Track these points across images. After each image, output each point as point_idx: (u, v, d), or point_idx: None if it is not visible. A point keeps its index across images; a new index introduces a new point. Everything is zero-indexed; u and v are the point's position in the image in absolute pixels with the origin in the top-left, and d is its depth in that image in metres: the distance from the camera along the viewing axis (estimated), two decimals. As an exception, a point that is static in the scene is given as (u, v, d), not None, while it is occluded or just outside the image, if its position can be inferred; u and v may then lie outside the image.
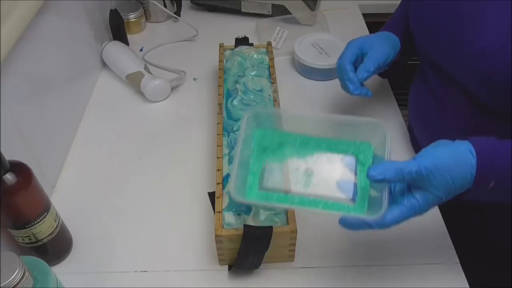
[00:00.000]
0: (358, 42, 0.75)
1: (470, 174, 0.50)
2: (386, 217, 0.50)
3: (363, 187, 0.56)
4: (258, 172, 0.59)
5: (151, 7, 1.15)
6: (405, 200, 0.50)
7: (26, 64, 0.69)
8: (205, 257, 0.67)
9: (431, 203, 0.51)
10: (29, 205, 0.59)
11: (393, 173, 0.49)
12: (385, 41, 0.75)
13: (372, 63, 0.71)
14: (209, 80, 1.00)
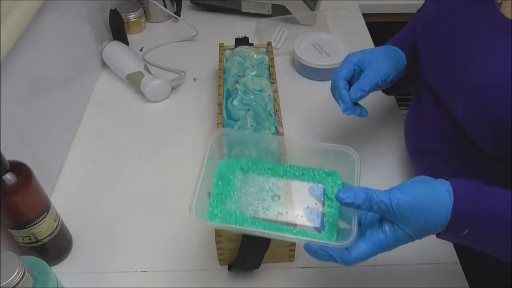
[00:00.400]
0: (357, 57, 0.67)
1: (445, 217, 0.48)
2: (352, 253, 0.48)
3: (331, 221, 0.54)
4: (222, 195, 0.56)
5: (151, 7, 1.15)
6: (373, 234, 0.49)
7: (26, 64, 0.69)
8: (205, 257, 0.67)
9: (400, 240, 0.49)
10: (29, 205, 0.59)
11: (361, 199, 0.47)
12: (387, 57, 0.68)
13: (368, 82, 0.64)
14: (209, 80, 1.00)
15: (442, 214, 0.48)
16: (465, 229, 0.48)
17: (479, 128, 0.56)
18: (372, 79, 0.64)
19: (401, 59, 0.70)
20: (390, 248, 0.50)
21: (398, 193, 0.47)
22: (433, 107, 0.66)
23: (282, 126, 0.75)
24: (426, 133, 0.68)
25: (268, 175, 0.58)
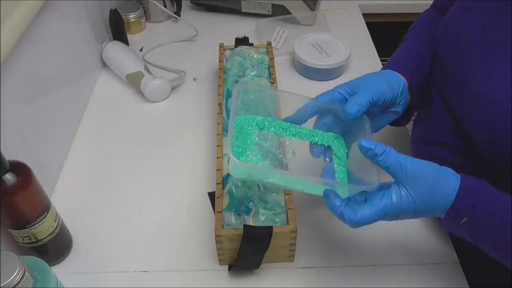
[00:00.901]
0: (345, 85, 0.62)
1: (449, 198, 0.50)
2: (357, 214, 0.50)
3: (342, 178, 0.58)
4: (241, 148, 0.59)
5: (151, 7, 1.15)
6: (377, 198, 0.51)
7: (26, 64, 0.69)
8: (205, 257, 0.67)
9: (404, 205, 0.50)
10: (29, 205, 0.59)
11: (381, 149, 0.50)
12: (378, 78, 0.63)
13: (362, 97, 0.58)
14: (209, 80, 1.00)
15: (447, 193, 0.50)
16: (464, 216, 0.50)
17: (491, 146, 0.55)
18: (366, 95, 0.59)
19: (396, 80, 0.64)
20: (393, 214, 0.51)
21: (413, 159, 0.50)
22: (442, 113, 0.65)
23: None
24: (433, 139, 0.67)
25: (281, 133, 0.61)
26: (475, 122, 0.57)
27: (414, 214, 0.52)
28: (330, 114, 0.62)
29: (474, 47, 0.58)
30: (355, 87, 0.61)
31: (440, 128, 0.66)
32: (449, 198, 0.50)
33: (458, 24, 0.61)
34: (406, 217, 0.52)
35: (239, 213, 0.63)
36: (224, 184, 0.67)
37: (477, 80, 0.56)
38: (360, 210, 0.51)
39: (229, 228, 0.61)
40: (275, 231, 0.60)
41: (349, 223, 0.51)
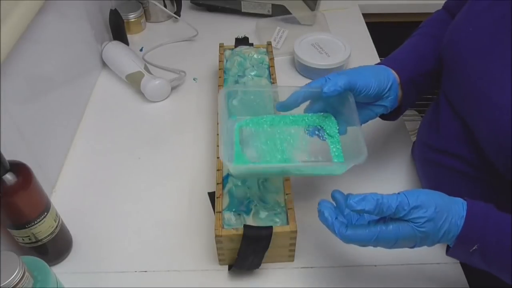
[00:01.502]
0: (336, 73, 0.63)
1: (455, 227, 0.49)
2: (347, 230, 0.51)
3: (338, 155, 0.62)
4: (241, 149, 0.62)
5: (151, 7, 1.15)
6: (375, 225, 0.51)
7: (26, 64, 0.69)
8: (205, 257, 0.67)
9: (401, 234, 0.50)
10: (29, 205, 0.59)
11: (372, 205, 0.48)
12: (365, 71, 0.64)
13: (342, 80, 0.60)
14: (209, 80, 1.00)
15: (453, 222, 0.49)
16: (475, 244, 0.49)
17: (502, 153, 0.54)
18: (345, 78, 0.60)
19: (386, 75, 0.64)
20: (390, 241, 0.51)
21: (412, 193, 0.49)
22: (450, 121, 0.65)
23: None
24: (444, 148, 0.66)
25: (276, 125, 0.65)
26: (485, 129, 0.56)
27: (413, 244, 0.52)
28: (320, 99, 0.64)
29: (482, 54, 0.57)
30: (345, 74, 0.62)
31: (450, 137, 0.65)
32: (455, 225, 0.49)
33: (466, 30, 0.61)
34: (405, 245, 0.52)
35: (239, 213, 0.63)
36: (224, 184, 0.67)
37: (487, 87, 0.56)
38: (354, 227, 0.51)
39: (229, 228, 0.61)
40: (275, 231, 0.60)
41: (339, 236, 0.51)
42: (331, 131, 0.64)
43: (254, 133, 0.64)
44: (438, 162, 0.67)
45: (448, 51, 0.64)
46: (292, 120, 0.65)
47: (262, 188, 0.66)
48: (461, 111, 0.62)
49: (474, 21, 0.61)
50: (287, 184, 0.66)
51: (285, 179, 0.67)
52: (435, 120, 0.69)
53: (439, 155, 0.67)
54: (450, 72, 0.64)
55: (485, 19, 0.59)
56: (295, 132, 0.64)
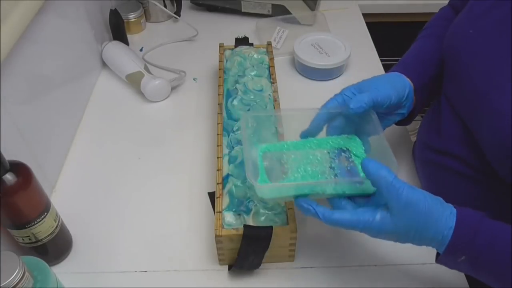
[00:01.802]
0: (352, 87, 0.62)
1: (440, 234, 0.49)
2: (334, 214, 0.51)
3: None
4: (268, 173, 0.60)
5: (151, 7, 1.15)
6: (363, 211, 0.51)
7: (26, 64, 0.69)
8: (205, 257, 0.67)
9: (383, 228, 0.50)
10: (29, 205, 0.59)
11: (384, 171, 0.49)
12: (384, 82, 0.63)
13: (365, 97, 0.59)
14: (209, 80, 1.00)
15: (440, 229, 0.49)
16: (463, 254, 0.49)
17: (502, 157, 0.54)
18: (370, 94, 0.59)
19: (402, 83, 0.65)
20: (373, 231, 0.51)
21: (410, 187, 0.49)
22: (450, 122, 0.65)
23: (282, 126, 0.75)
24: (444, 149, 0.66)
25: (302, 149, 0.62)
26: (485, 133, 0.56)
27: (395, 239, 0.51)
28: (340, 116, 0.62)
29: (483, 57, 0.57)
30: (361, 88, 0.62)
31: (451, 138, 0.65)
32: (440, 237, 0.49)
33: (466, 32, 0.61)
34: (387, 239, 0.52)
35: (239, 213, 0.63)
36: (224, 184, 0.67)
37: (487, 91, 0.55)
38: (342, 212, 0.51)
39: (229, 228, 0.61)
40: (275, 231, 0.60)
41: (322, 218, 0.52)
42: (357, 151, 0.62)
43: (277, 158, 0.62)
44: (438, 162, 0.67)
45: (448, 53, 0.64)
46: (316, 144, 0.63)
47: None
48: (462, 113, 0.62)
49: (474, 23, 0.60)
50: (287, 184, 0.66)
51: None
52: (436, 121, 0.69)
53: (439, 155, 0.67)
54: (451, 74, 0.64)
55: (486, 21, 0.58)
56: (321, 156, 0.61)
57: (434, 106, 0.72)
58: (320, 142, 0.63)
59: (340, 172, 0.59)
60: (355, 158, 0.62)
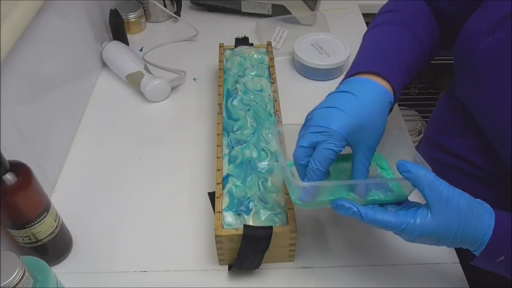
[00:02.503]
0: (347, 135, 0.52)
1: (481, 234, 0.47)
2: (377, 214, 0.49)
3: (396, 184, 0.56)
4: None
5: (151, 7, 1.15)
6: (405, 213, 0.49)
7: (26, 64, 0.69)
8: (205, 257, 0.67)
9: (424, 228, 0.48)
10: (29, 205, 0.59)
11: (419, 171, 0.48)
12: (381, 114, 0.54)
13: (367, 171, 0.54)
14: (209, 80, 1.00)
15: (479, 230, 0.47)
16: (502, 255, 0.48)
17: None
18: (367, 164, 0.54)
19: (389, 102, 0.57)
20: (412, 235, 0.49)
21: (450, 185, 0.48)
22: (467, 129, 0.62)
23: (282, 126, 0.75)
24: (455, 152, 0.64)
25: None
26: (506, 146, 0.54)
27: (436, 240, 0.49)
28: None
29: (503, 68, 0.54)
30: (352, 140, 0.52)
31: (468, 145, 0.63)
32: (481, 235, 0.48)
33: (485, 40, 0.56)
34: (426, 241, 0.50)
35: (239, 213, 0.63)
36: (224, 184, 0.67)
37: (507, 103, 0.53)
38: (384, 212, 0.50)
39: (229, 228, 0.61)
40: (275, 231, 0.60)
41: (364, 217, 0.49)
42: (382, 164, 0.62)
43: None
44: (451, 164, 0.65)
45: (466, 61, 0.60)
46: (343, 159, 0.60)
47: (262, 188, 0.66)
48: (481, 122, 0.60)
49: (493, 31, 0.56)
50: (287, 184, 0.66)
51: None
52: (450, 123, 0.66)
53: (452, 158, 0.65)
54: (468, 82, 0.61)
55: (505, 29, 0.54)
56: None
57: (446, 105, 0.70)
58: (346, 158, 0.60)
59: (370, 185, 0.55)
60: (382, 171, 0.61)
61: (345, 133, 0.51)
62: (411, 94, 1.62)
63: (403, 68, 0.61)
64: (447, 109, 0.69)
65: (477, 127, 0.60)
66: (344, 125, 0.51)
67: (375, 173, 0.61)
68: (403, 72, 0.60)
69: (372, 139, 0.53)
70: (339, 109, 0.52)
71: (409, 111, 1.51)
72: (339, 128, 0.51)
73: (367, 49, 0.64)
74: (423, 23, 0.66)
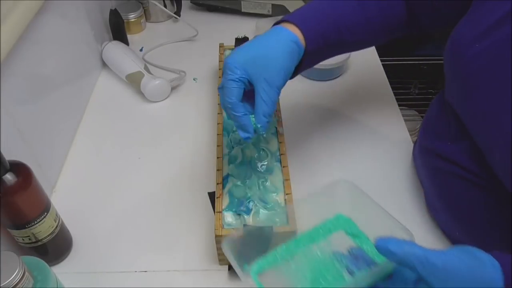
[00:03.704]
0: (239, 68, 0.55)
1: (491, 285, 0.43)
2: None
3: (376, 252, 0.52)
4: None
5: (151, 7, 1.15)
6: None
7: (26, 64, 0.69)
8: (205, 257, 0.67)
9: None
10: (29, 205, 0.59)
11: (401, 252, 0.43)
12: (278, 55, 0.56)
13: (265, 107, 0.54)
14: (209, 80, 1.00)
15: (488, 284, 0.43)
16: None
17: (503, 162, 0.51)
18: (269, 99, 0.55)
19: (298, 51, 0.59)
20: None
21: (440, 252, 0.43)
22: (459, 135, 0.60)
23: (282, 126, 0.75)
24: (448, 157, 0.63)
25: (296, 252, 0.56)
26: (497, 154, 0.53)
27: None
28: None
29: (492, 77, 0.53)
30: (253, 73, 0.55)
31: (459, 151, 0.61)
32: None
33: (473, 47, 0.55)
34: None
35: (239, 213, 0.63)
36: (224, 184, 0.67)
37: (499, 112, 0.51)
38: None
39: (229, 228, 0.61)
40: (275, 231, 0.60)
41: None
42: (352, 230, 0.57)
43: (278, 275, 0.54)
44: (445, 169, 0.64)
45: (456, 68, 0.58)
46: (308, 239, 0.57)
47: (262, 188, 0.66)
48: (471, 131, 0.58)
49: (481, 38, 0.54)
50: (287, 184, 0.66)
51: (285, 178, 0.67)
52: (441, 128, 0.66)
53: (446, 163, 0.63)
54: (458, 88, 0.59)
55: (494, 37, 0.52)
56: (320, 252, 0.55)
57: (438, 111, 0.69)
58: (311, 236, 0.58)
59: (349, 262, 0.52)
60: (354, 239, 0.57)
61: (239, 63, 0.55)
62: (411, 94, 1.62)
63: (324, 21, 0.62)
64: (438, 113, 0.68)
65: (467, 130, 0.59)
66: (238, 58, 0.56)
67: (348, 245, 0.55)
68: (322, 23, 0.62)
69: (269, 72, 0.55)
70: (239, 48, 0.58)
71: (409, 111, 1.51)
72: (232, 61, 0.55)
73: (305, 4, 0.66)
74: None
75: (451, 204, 0.64)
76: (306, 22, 0.60)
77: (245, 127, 0.57)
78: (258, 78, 0.55)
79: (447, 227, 0.68)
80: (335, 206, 0.59)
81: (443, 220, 0.68)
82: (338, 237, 0.57)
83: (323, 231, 0.58)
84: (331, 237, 0.57)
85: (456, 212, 0.64)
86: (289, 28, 0.59)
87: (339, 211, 0.59)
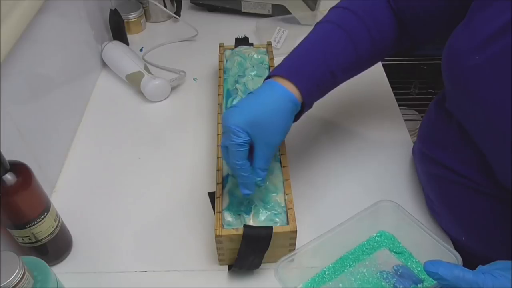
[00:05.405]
0: (242, 128, 0.56)
1: None
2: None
3: (420, 269, 0.54)
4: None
5: (151, 7, 1.15)
6: None
7: (26, 64, 0.69)
8: (205, 257, 0.67)
9: None
10: (29, 205, 0.59)
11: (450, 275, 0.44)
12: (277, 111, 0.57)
13: (265, 161, 0.58)
14: (209, 80, 1.00)
15: None
16: None
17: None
18: (267, 156, 0.58)
19: (295, 108, 0.60)
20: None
21: (490, 276, 0.43)
22: (461, 144, 0.60)
23: None
24: (450, 166, 0.62)
25: (342, 272, 0.58)
26: (500, 162, 0.52)
27: None
28: None
29: (494, 88, 0.51)
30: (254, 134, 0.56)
31: (461, 159, 0.60)
32: None
33: (473, 58, 0.53)
34: None
35: (239, 213, 0.63)
36: (224, 184, 0.67)
37: (503, 122, 0.50)
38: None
39: (229, 228, 0.61)
40: (275, 231, 0.60)
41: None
42: (395, 247, 0.57)
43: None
44: (443, 176, 0.63)
45: (457, 77, 0.56)
46: (353, 259, 0.59)
47: (262, 188, 0.66)
48: (474, 137, 0.57)
49: (481, 49, 0.52)
50: (287, 184, 0.66)
51: (285, 178, 0.67)
52: (441, 135, 0.65)
53: (448, 171, 0.62)
54: (461, 98, 0.57)
55: (494, 47, 0.51)
56: (367, 271, 0.57)
57: (434, 115, 0.68)
58: (355, 254, 0.59)
59: (396, 281, 0.53)
60: (398, 257, 0.57)
61: (241, 127, 0.55)
62: (411, 94, 1.62)
63: (318, 70, 0.63)
64: (437, 120, 0.67)
65: (469, 139, 0.58)
66: (239, 121, 0.56)
67: (393, 263, 0.56)
68: (316, 72, 0.63)
69: (270, 135, 0.57)
70: (238, 107, 0.57)
71: (409, 111, 1.51)
72: (233, 124, 0.55)
73: (295, 50, 0.68)
74: (367, 23, 0.65)
75: (454, 210, 0.64)
76: (299, 76, 0.61)
77: (249, 185, 0.59)
78: (259, 142, 0.57)
79: (446, 228, 0.68)
80: (379, 225, 0.60)
81: (447, 225, 0.68)
82: (382, 255, 0.58)
83: (367, 249, 0.59)
84: (376, 255, 0.58)
85: (459, 218, 0.64)
86: (284, 84, 0.60)
87: (383, 229, 0.59)
